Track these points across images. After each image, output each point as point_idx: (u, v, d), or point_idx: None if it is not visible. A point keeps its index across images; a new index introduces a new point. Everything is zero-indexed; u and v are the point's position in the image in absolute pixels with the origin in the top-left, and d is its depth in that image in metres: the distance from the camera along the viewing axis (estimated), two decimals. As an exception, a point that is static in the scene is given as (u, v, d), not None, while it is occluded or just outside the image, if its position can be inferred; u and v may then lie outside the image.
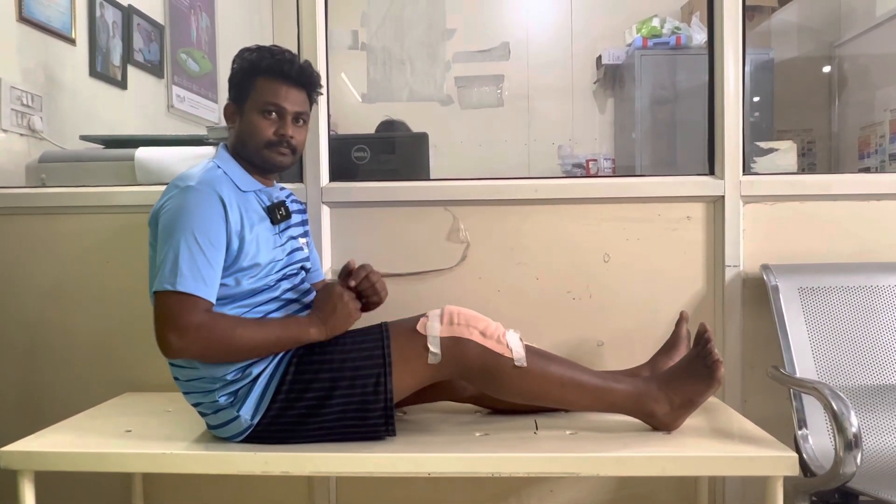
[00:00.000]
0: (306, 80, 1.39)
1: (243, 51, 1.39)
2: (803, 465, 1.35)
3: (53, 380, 1.77)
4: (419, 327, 1.29)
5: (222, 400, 1.27)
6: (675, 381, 1.32)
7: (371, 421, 1.27)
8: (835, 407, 1.19)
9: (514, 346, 1.29)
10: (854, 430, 1.16)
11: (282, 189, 1.51)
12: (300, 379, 1.27)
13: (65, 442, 1.31)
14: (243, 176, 1.37)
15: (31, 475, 1.25)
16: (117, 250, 1.74)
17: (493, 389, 1.33)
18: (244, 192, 1.35)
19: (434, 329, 1.28)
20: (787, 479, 1.18)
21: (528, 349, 1.31)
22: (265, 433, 1.27)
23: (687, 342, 1.50)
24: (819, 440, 1.41)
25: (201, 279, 1.22)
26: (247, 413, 1.26)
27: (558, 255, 1.71)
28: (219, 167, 1.34)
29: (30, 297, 1.77)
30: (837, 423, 1.18)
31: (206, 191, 1.26)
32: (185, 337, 1.21)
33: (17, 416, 1.76)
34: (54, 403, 1.74)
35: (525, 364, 1.28)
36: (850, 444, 1.16)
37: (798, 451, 1.37)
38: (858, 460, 1.16)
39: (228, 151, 1.40)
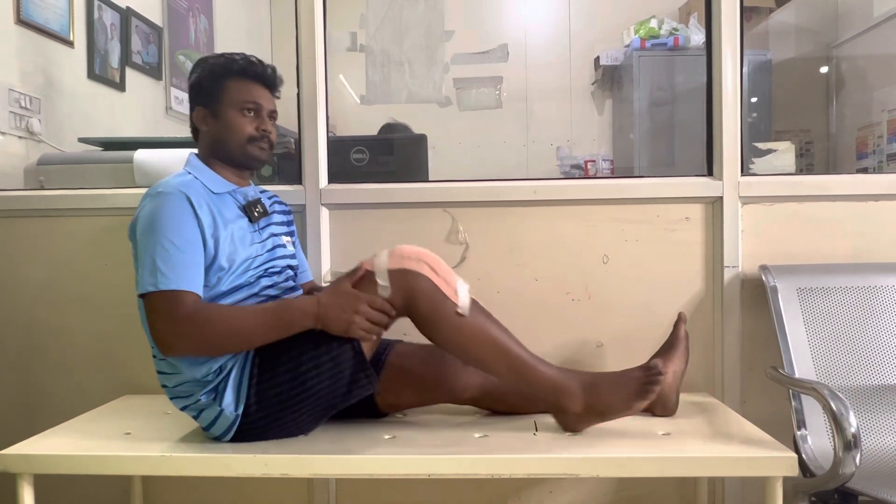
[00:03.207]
0: (275, 81, 1.46)
1: (206, 58, 1.45)
2: (802, 465, 1.35)
3: (52, 382, 1.77)
4: (366, 265, 1.30)
5: (204, 399, 1.29)
6: (603, 387, 1.31)
7: (347, 376, 1.27)
8: (834, 407, 1.19)
9: (461, 293, 1.29)
10: (853, 430, 1.16)
11: (263, 191, 1.53)
12: (268, 358, 1.28)
13: (64, 445, 1.31)
14: (215, 179, 1.40)
15: (31, 478, 1.25)
16: (116, 252, 1.74)
17: (429, 332, 1.31)
18: (217, 193, 1.38)
19: (381, 263, 1.29)
20: (786, 480, 1.18)
21: (474, 303, 1.31)
22: (256, 422, 1.28)
23: (685, 343, 1.50)
24: (818, 440, 1.41)
25: (182, 275, 1.24)
26: (229, 405, 1.27)
27: (557, 257, 1.71)
28: (189, 173, 1.38)
29: (28, 300, 1.77)
30: (836, 423, 1.18)
31: (174, 193, 1.30)
32: (175, 331, 1.22)
33: (16, 420, 1.76)
34: (53, 406, 1.74)
35: (467, 314, 1.28)
36: (850, 444, 1.16)
37: (797, 451, 1.38)
38: (857, 460, 1.17)
39: (199, 159, 1.44)
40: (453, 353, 1.34)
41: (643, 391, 1.29)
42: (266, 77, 1.44)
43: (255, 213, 1.40)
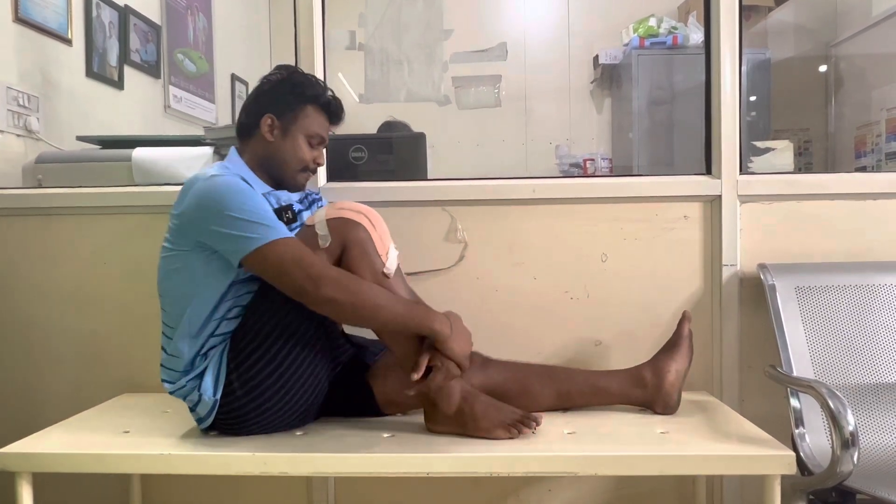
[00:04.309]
0: (340, 122, 1.52)
1: (294, 69, 1.47)
2: (801, 463, 1.36)
3: (51, 381, 1.77)
4: (307, 221, 1.32)
5: (189, 385, 1.31)
6: (479, 404, 1.30)
7: (320, 344, 1.31)
8: (832, 405, 1.19)
9: (392, 255, 1.32)
10: (851, 428, 1.16)
11: (308, 193, 1.54)
12: (242, 342, 1.29)
13: (63, 443, 1.31)
14: (254, 179, 1.41)
15: (29, 477, 1.25)
16: (115, 251, 1.74)
17: None
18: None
19: (320, 215, 1.30)
20: (784, 478, 1.19)
21: (399, 272, 1.33)
22: (239, 408, 1.28)
23: (688, 341, 1.50)
24: (816, 439, 1.42)
25: (282, 228, 1.26)
26: (207, 390, 1.29)
27: (556, 255, 1.71)
28: (229, 168, 1.38)
29: (27, 299, 1.77)
30: (834, 421, 1.18)
31: (226, 174, 1.31)
32: (320, 269, 1.22)
33: (15, 418, 1.76)
34: (52, 405, 1.74)
35: (390, 277, 1.30)
36: (847, 442, 1.16)
37: (795, 449, 1.38)
38: (855, 459, 1.17)
39: (241, 158, 1.44)
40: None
41: (511, 426, 1.28)
42: (338, 118, 1.49)
43: (285, 219, 1.39)
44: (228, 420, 1.31)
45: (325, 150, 1.50)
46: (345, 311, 1.25)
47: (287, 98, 1.42)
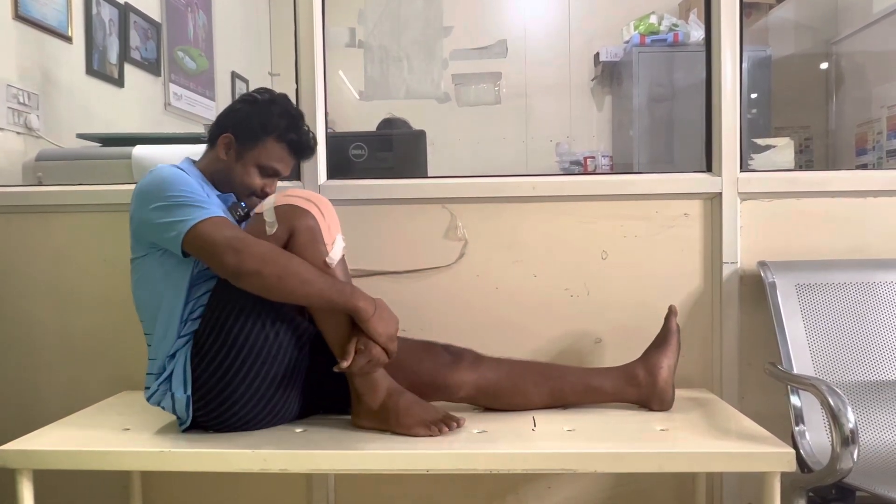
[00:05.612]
0: (307, 159, 1.52)
1: (274, 96, 1.45)
2: (800, 461, 1.36)
3: (51, 378, 1.77)
4: (257, 209, 1.32)
5: (160, 388, 1.31)
6: (404, 401, 1.30)
7: (281, 326, 1.29)
8: (832, 403, 1.19)
9: (337, 247, 1.30)
10: (851, 425, 1.16)
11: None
12: (202, 336, 1.29)
13: (63, 440, 1.31)
14: (203, 182, 1.42)
15: (30, 474, 1.25)
16: (114, 249, 1.73)
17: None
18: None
19: (269, 201, 1.30)
20: (784, 475, 1.19)
21: (342, 262, 1.32)
22: (210, 402, 1.28)
23: (677, 336, 1.50)
24: (816, 436, 1.42)
25: (213, 208, 1.27)
26: (178, 388, 1.29)
27: (556, 253, 1.71)
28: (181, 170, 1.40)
29: (27, 296, 1.77)
30: (834, 419, 1.18)
31: (169, 167, 1.34)
32: (240, 244, 1.23)
33: (15, 415, 1.76)
34: (52, 402, 1.74)
35: (332, 266, 1.29)
36: (847, 439, 1.16)
37: (795, 447, 1.38)
38: (855, 456, 1.17)
39: (200, 161, 1.46)
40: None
41: (433, 424, 1.29)
42: (304, 157, 1.48)
43: (237, 216, 1.41)
44: (208, 414, 1.30)
45: (276, 181, 1.47)
46: (270, 283, 1.23)
47: (253, 124, 1.41)
